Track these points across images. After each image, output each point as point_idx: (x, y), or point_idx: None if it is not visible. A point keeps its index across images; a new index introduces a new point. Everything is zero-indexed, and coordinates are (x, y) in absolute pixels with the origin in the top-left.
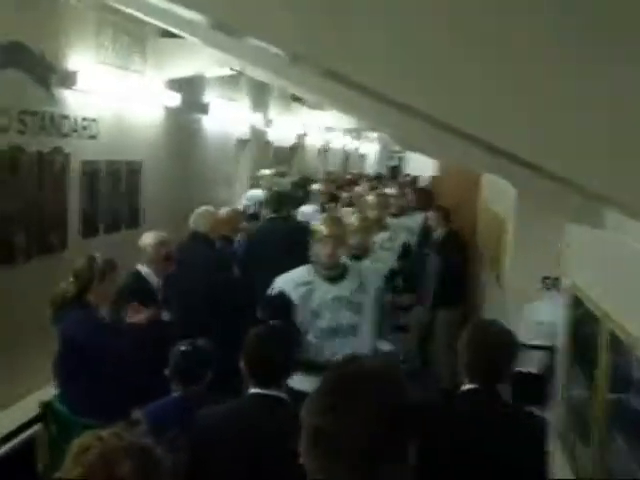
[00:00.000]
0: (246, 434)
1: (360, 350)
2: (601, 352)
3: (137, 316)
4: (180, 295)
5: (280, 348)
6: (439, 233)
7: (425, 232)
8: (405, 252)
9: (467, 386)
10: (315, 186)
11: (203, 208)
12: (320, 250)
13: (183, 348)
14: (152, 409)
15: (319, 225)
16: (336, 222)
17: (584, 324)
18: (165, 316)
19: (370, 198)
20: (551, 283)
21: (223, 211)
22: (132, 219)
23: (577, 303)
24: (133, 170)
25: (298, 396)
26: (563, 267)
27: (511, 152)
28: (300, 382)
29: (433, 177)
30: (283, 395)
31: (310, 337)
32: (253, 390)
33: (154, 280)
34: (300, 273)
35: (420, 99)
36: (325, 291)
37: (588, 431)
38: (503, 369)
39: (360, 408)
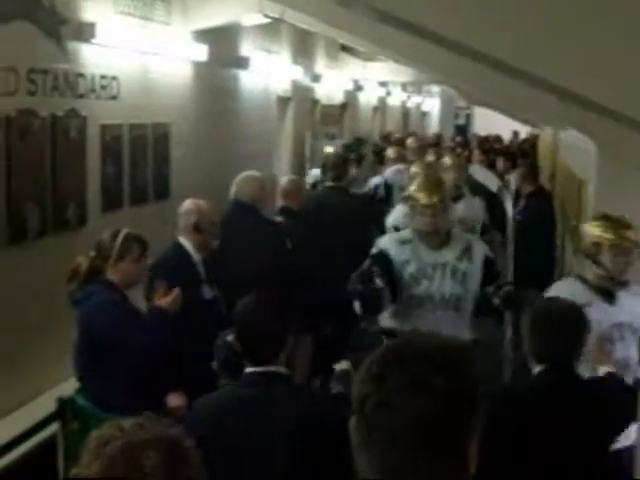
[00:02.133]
0: (247, 419)
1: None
2: None
3: (164, 299)
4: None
5: (275, 318)
6: (524, 194)
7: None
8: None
9: (537, 368)
10: (390, 152)
11: (247, 174)
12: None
13: (229, 338)
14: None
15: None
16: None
17: None
18: (207, 293)
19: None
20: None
21: (284, 179)
22: (161, 190)
23: None
24: (160, 134)
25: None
26: None
27: (591, 98)
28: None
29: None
30: (283, 370)
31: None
32: (250, 369)
33: (195, 253)
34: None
35: (492, 44)
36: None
37: None
38: (572, 351)
39: (406, 379)
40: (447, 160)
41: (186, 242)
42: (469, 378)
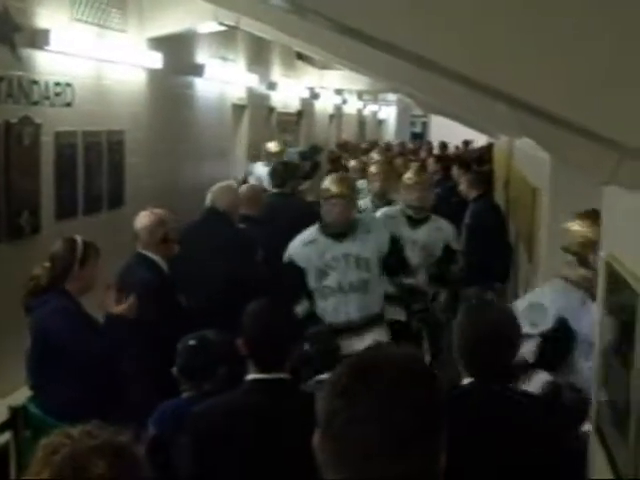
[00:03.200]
0: (253, 427)
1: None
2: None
3: (119, 307)
4: (197, 280)
5: (285, 324)
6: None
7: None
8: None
9: (466, 380)
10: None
11: (224, 183)
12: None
13: (191, 343)
14: (160, 412)
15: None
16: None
17: (621, 300)
18: (184, 301)
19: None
20: None
21: (243, 188)
22: (115, 197)
23: (613, 277)
24: (115, 141)
25: None
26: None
27: (541, 107)
28: None
29: None
30: (287, 376)
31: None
32: (253, 376)
33: (162, 263)
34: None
35: (443, 53)
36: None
37: (626, 424)
38: (501, 364)
39: (377, 392)
40: (411, 177)
41: (148, 253)
42: (439, 386)
